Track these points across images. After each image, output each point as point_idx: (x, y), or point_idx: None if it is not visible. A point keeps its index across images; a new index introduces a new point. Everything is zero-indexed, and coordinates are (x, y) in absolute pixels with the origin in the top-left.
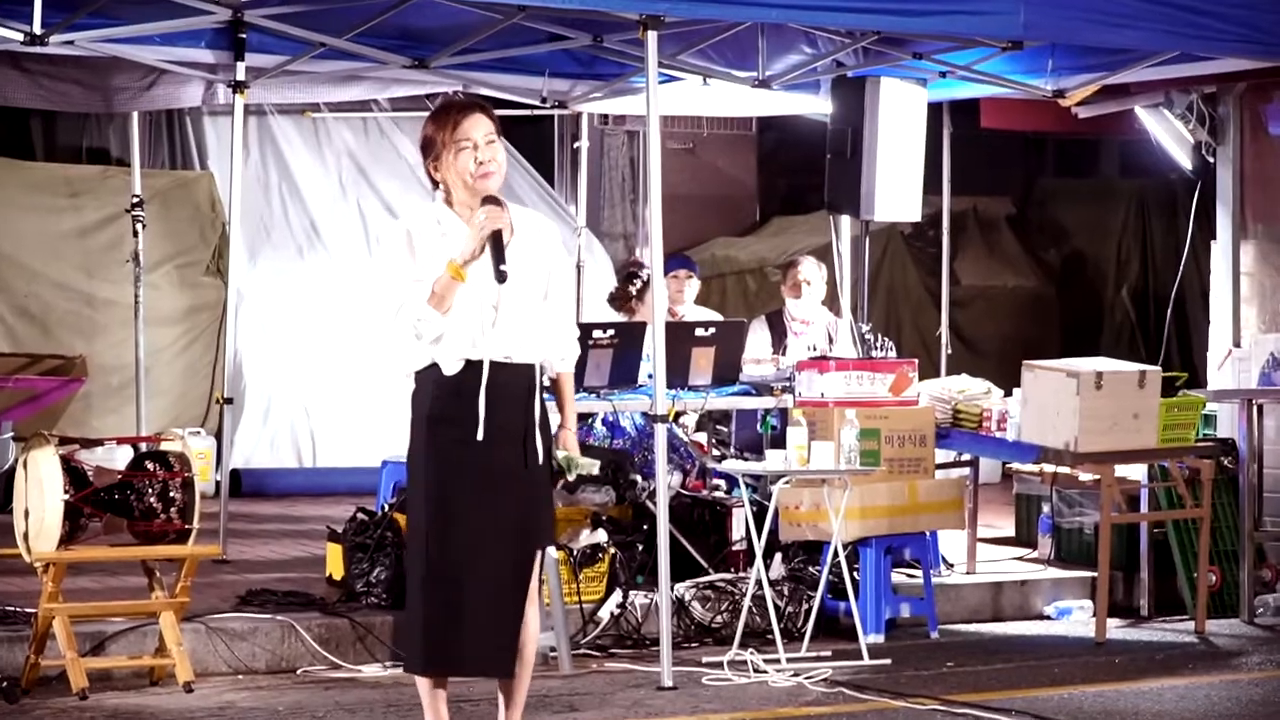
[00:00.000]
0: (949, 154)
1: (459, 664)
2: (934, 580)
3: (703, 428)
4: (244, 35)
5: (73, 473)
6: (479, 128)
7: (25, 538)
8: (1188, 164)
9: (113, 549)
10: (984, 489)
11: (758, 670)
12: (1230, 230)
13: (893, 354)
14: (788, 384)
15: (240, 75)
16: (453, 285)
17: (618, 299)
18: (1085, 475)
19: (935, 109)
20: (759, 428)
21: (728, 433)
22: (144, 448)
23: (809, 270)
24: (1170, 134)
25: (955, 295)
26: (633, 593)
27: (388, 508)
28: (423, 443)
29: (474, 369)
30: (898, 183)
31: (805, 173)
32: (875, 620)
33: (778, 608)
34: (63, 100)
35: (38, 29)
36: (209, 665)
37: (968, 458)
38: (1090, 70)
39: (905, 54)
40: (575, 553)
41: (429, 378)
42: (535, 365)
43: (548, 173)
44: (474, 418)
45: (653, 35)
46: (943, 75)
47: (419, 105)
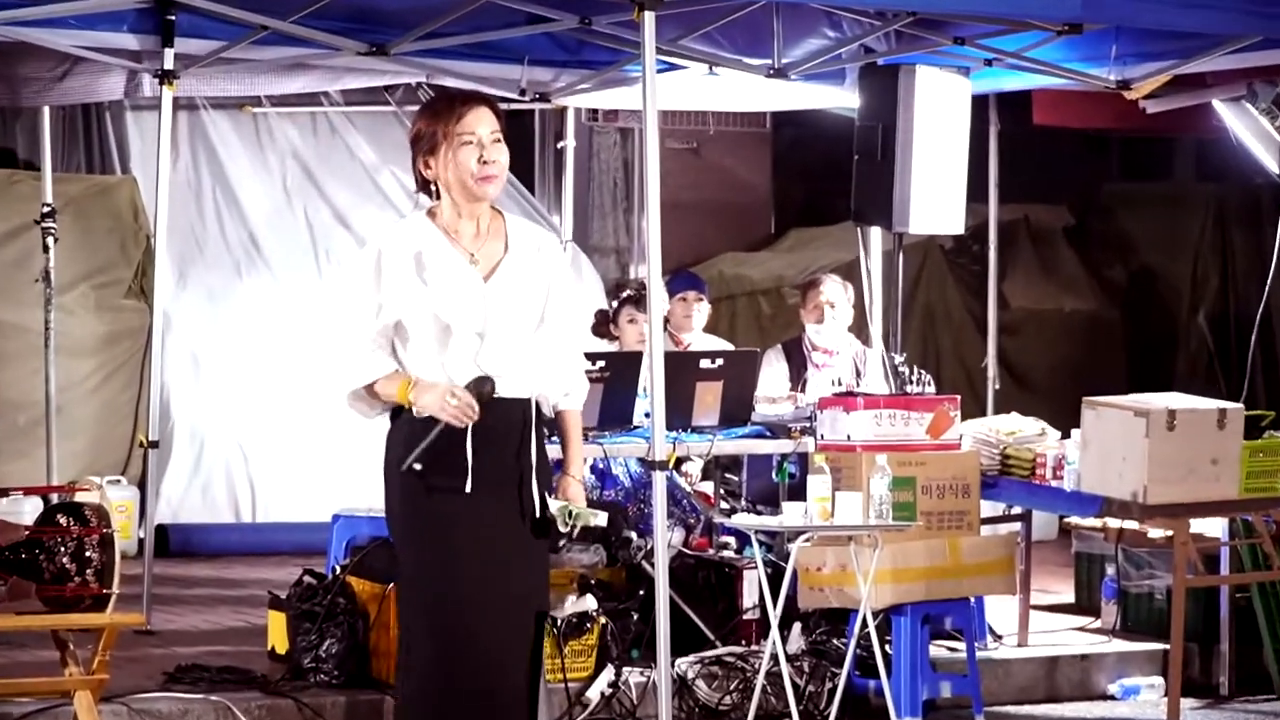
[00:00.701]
0: (996, 155)
1: None
2: (979, 654)
3: (709, 476)
4: (172, 17)
5: None
6: (485, 123)
7: None
8: (1274, 166)
9: (18, 617)
10: (1038, 548)
11: None
12: None
13: (931, 389)
14: (808, 425)
15: (168, 63)
16: (396, 399)
17: (603, 325)
18: (1156, 531)
19: (980, 103)
20: (775, 476)
21: (738, 482)
22: (55, 499)
23: (833, 291)
24: (1254, 131)
25: (1004, 320)
26: (626, 669)
27: (339, 569)
28: (402, 495)
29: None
30: (936, 189)
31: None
32: (911, 702)
33: (796, 687)
34: None
35: None
36: None
37: (1019, 511)
38: (1160, 58)
39: (945, 38)
40: (560, 622)
41: (406, 417)
42: (530, 401)
43: (527, 177)
44: (461, 464)
45: (649, 16)
46: (989, 63)
47: (377, 98)
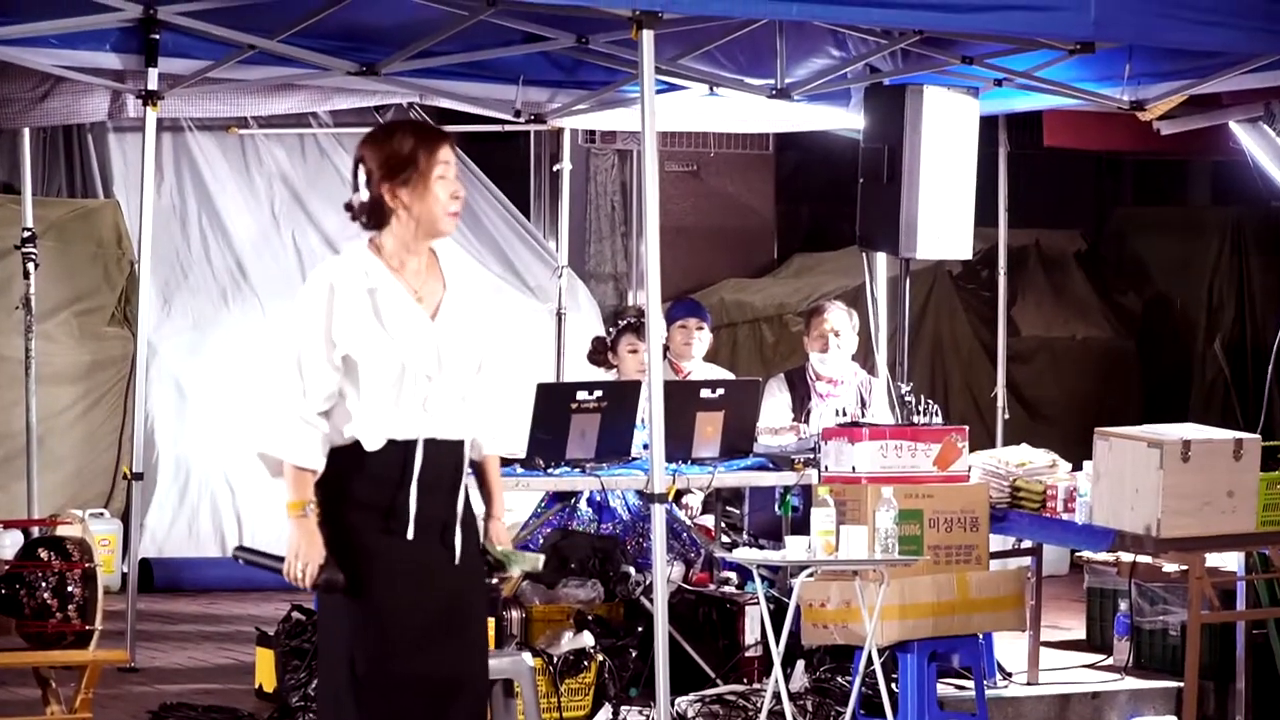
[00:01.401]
0: (1006, 178)
1: None
2: (988, 693)
3: (709, 509)
4: (157, 36)
5: None
6: (452, 156)
7: None
8: None
9: None
10: (1049, 582)
11: None
12: None
13: (939, 419)
14: (812, 456)
15: (153, 84)
16: (288, 495)
17: (601, 353)
18: (1170, 566)
19: (989, 124)
20: (777, 509)
21: (739, 515)
22: (36, 532)
23: (838, 319)
24: (1272, 153)
25: (1014, 348)
26: (625, 708)
27: None
28: (339, 536)
29: (399, 449)
30: (944, 213)
31: (833, 200)
32: None
33: None
34: None
35: None
36: None
37: (1029, 545)
38: (1175, 77)
39: (953, 57)
40: (556, 660)
41: (346, 455)
42: (465, 444)
43: (522, 200)
44: (401, 508)
45: (648, 35)
46: (998, 83)
47: (367, 120)
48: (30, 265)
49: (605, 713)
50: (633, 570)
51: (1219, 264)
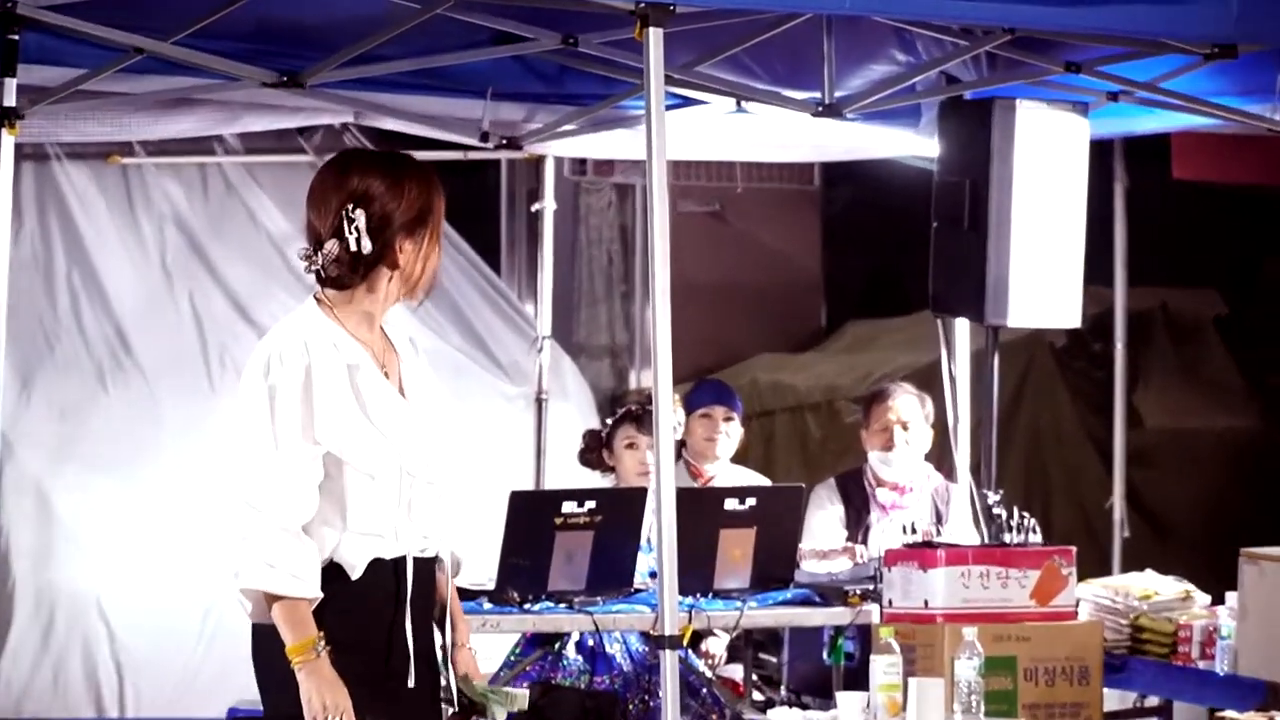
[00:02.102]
0: (1124, 222)
1: None
2: None
3: (737, 657)
4: (16, 35)
5: None
6: None
7: None
8: None
9: None
10: None
11: None
12: None
13: (1037, 538)
14: (871, 587)
15: (9, 99)
16: (288, 639)
17: (595, 451)
18: None
19: (1102, 151)
20: (826, 657)
21: (776, 665)
22: None
23: (906, 407)
24: None
25: (1136, 443)
26: None
27: None
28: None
29: (387, 571)
30: (1044, 267)
31: (897, 251)
32: None
33: None
34: None
35: None
36: None
37: (1156, 702)
38: None
39: (1054, 64)
40: None
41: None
42: (443, 560)
43: (490, 251)
44: (399, 648)
45: (656, 34)
46: (1113, 97)
47: (288, 145)
48: None
49: None
50: None
51: None
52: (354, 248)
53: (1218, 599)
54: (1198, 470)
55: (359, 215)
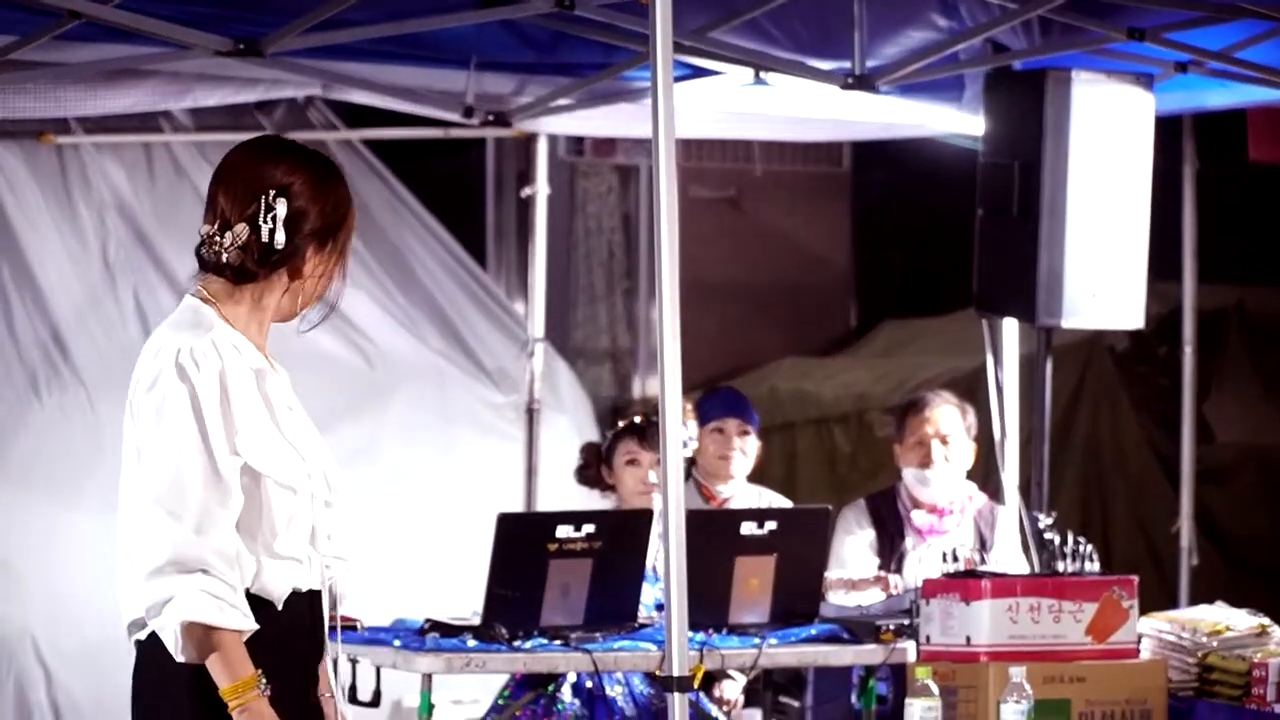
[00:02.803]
0: (1194, 210)
1: None
2: None
3: (755, 700)
4: None
5: None
6: None
7: None
8: None
9: None
10: None
11: None
12: None
13: (1095, 565)
14: (907, 621)
15: None
16: (221, 680)
17: (594, 468)
18: None
19: (1170, 129)
20: (855, 700)
21: (799, 709)
22: None
23: (945, 418)
24: None
25: (1206, 460)
26: None
27: None
28: None
29: (303, 603)
30: (1103, 261)
31: (937, 242)
32: None
33: None
34: None
35: None
36: None
37: None
38: None
39: (1115, 30)
40: None
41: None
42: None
43: (475, 242)
44: (313, 689)
45: None
46: (1181, 69)
47: (246, 122)
48: None
49: None
50: None
51: None
52: (265, 239)
53: None
54: (1275, 491)
55: (279, 206)
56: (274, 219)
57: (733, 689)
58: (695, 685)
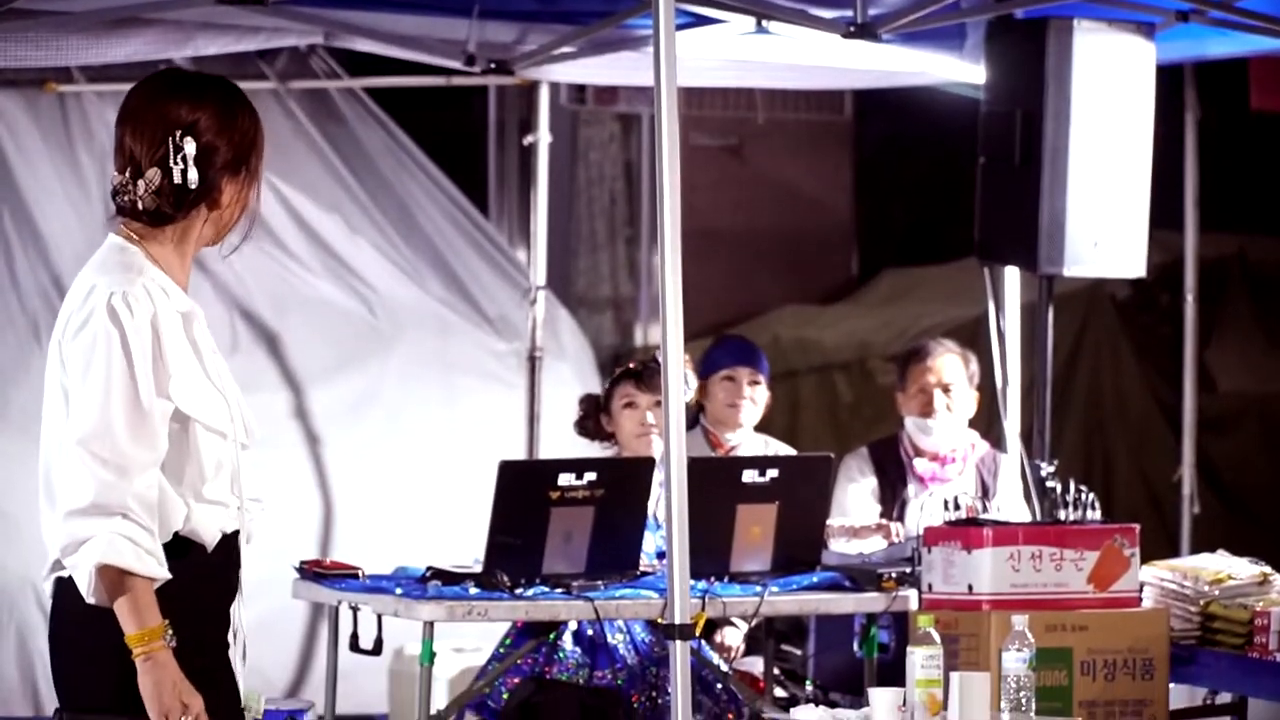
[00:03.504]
0: (1196, 159)
1: None
2: None
3: (757, 648)
4: None
5: None
6: None
7: None
8: None
9: None
10: None
11: None
12: None
13: (1096, 514)
14: (909, 570)
15: None
16: (128, 626)
17: (593, 418)
18: None
19: (1171, 78)
20: (857, 648)
21: (801, 657)
22: None
23: (947, 367)
24: None
25: (1208, 409)
26: None
27: None
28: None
29: (227, 546)
30: (1105, 210)
31: (939, 191)
32: None
33: None
34: None
35: None
36: None
37: (1229, 698)
38: None
39: None
40: None
41: (172, 560)
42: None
43: (477, 190)
44: (225, 628)
45: None
46: (1183, 17)
47: (248, 71)
48: None
49: None
50: None
51: None
52: (179, 180)
53: None
54: (1277, 439)
55: (188, 145)
56: (184, 159)
57: (734, 637)
58: (697, 633)
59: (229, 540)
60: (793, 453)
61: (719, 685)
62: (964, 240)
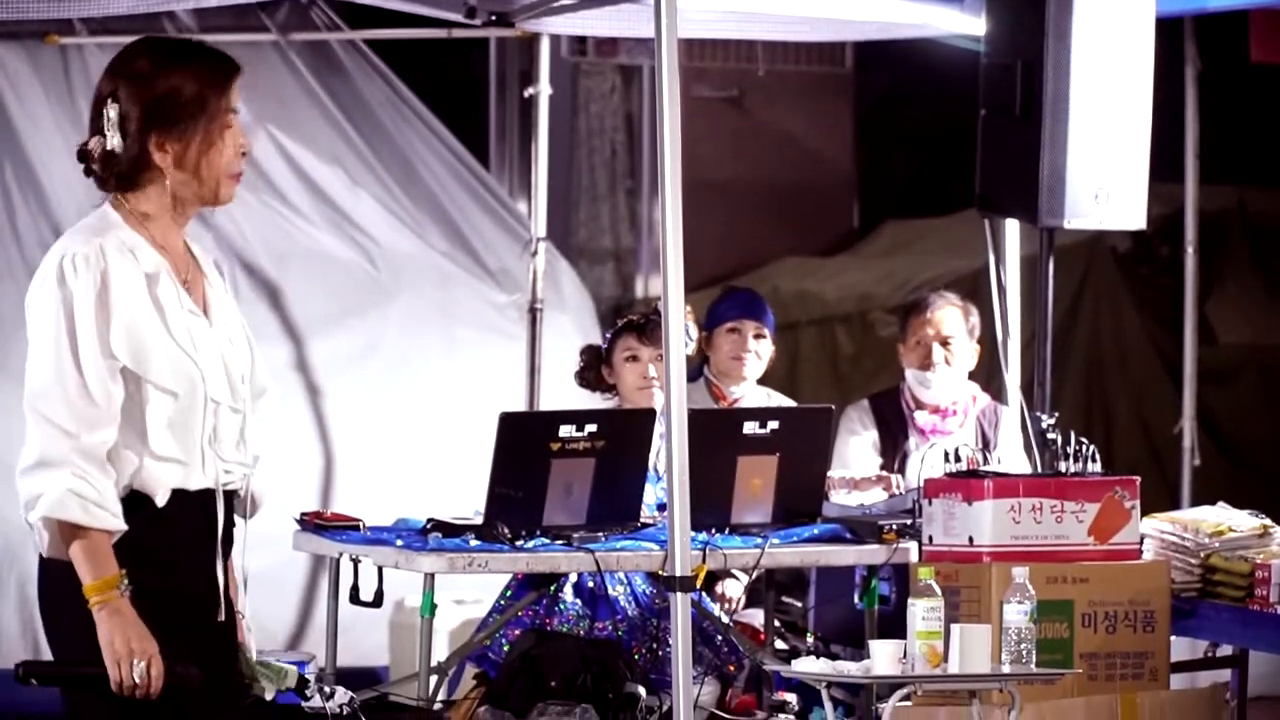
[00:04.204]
0: (1196, 111)
1: None
2: None
3: (757, 600)
4: None
5: None
6: (238, 96)
7: None
8: None
9: None
10: (1259, 706)
11: None
12: None
13: (1097, 466)
14: (909, 521)
15: None
16: (86, 576)
17: (594, 369)
18: None
19: (1171, 30)
20: (857, 600)
21: (801, 609)
22: None
23: (948, 320)
24: None
25: (1208, 361)
26: None
27: None
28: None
29: (194, 504)
30: (1105, 162)
31: (940, 143)
32: None
33: None
34: None
35: None
36: None
37: (1229, 650)
38: None
39: None
40: None
41: (128, 514)
42: (237, 498)
43: (478, 142)
44: (210, 590)
45: None
46: None
47: (249, 23)
48: None
49: None
50: (642, 691)
51: None
52: (110, 148)
53: None
54: (1277, 391)
55: (111, 110)
56: (110, 126)
57: (735, 589)
58: (697, 585)
59: (193, 497)
60: (792, 405)
61: (719, 637)
62: (965, 192)
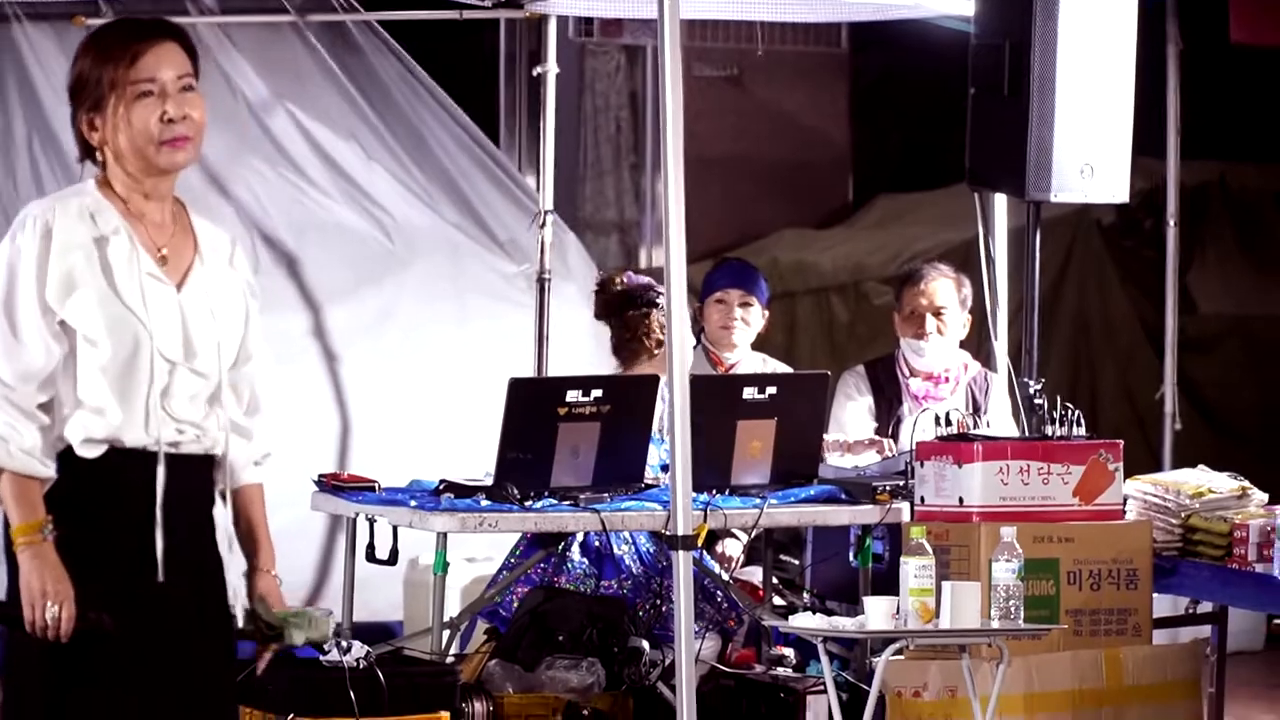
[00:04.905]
0: (1177, 89)
1: None
2: None
3: (756, 559)
4: None
5: None
6: (169, 65)
7: None
8: None
9: None
10: (1236, 661)
11: None
12: None
13: (1082, 430)
14: (902, 483)
15: None
16: (14, 519)
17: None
18: None
19: (1152, 12)
20: (852, 559)
21: (798, 567)
22: None
23: (940, 291)
24: None
25: (1189, 329)
26: None
27: None
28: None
29: (135, 462)
30: (1090, 138)
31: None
32: None
33: None
34: None
35: None
36: None
37: (1209, 607)
38: None
39: None
40: None
41: (62, 468)
42: (216, 463)
43: (488, 119)
44: (145, 548)
45: None
46: None
47: (269, 4)
48: None
49: None
50: (646, 645)
51: None
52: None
53: (1276, 497)
54: (1256, 359)
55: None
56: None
57: (734, 547)
58: (699, 544)
59: (132, 455)
60: (790, 371)
61: (720, 594)
62: (955, 167)
